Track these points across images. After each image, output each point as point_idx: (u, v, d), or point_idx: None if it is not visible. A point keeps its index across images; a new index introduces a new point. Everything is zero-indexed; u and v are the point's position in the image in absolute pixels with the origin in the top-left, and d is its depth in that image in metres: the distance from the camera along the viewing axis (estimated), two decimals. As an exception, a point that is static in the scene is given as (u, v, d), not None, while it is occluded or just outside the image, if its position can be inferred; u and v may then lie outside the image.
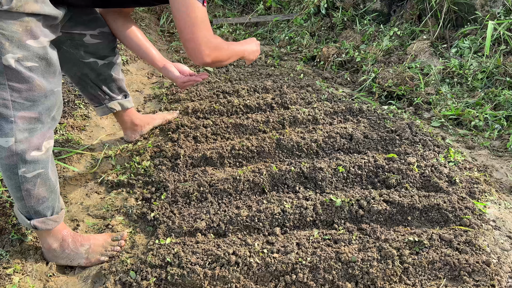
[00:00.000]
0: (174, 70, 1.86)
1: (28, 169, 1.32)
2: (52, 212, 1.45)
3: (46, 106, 1.32)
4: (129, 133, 2.19)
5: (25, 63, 1.25)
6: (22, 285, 1.43)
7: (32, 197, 1.37)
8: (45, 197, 1.40)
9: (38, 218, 1.42)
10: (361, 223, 1.61)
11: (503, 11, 2.74)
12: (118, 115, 2.09)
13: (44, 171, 1.36)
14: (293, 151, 2.02)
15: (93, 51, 1.77)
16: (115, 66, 1.90)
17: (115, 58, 1.88)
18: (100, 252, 1.54)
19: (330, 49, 3.10)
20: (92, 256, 1.53)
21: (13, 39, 1.21)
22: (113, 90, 1.96)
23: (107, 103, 1.97)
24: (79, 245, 1.53)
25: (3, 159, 1.29)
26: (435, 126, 2.32)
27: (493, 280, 1.33)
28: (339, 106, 2.35)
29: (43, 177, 1.37)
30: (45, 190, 1.39)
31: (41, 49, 1.29)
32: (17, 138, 1.27)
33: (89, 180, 1.97)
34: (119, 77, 1.95)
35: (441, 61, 2.75)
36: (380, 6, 3.45)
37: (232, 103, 2.40)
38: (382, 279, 1.37)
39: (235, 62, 3.08)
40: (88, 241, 1.55)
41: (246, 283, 1.38)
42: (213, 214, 1.67)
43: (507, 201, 1.73)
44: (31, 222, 1.42)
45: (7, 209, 1.68)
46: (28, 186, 1.34)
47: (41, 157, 1.34)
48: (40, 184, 1.37)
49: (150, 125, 2.26)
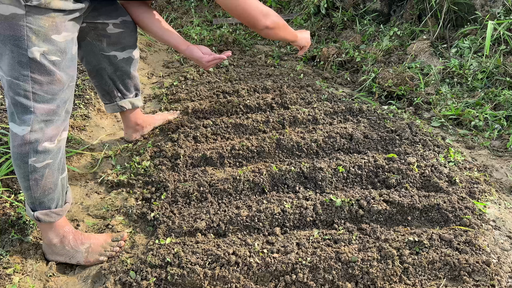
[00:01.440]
0: (198, 51, 1.90)
1: (38, 159, 1.35)
2: (56, 205, 1.47)
3: (63, 99, 1.38)
4: (130, 132, 2.20)
5: (50, 57, 1.30)
6: (22, 285, 1.43)
7: (39, 188, 1.40)
8: (51, 188, 1.43)
9: (41, 210, 1.44)
10: (361, 223, 1.61)
11: (503, 11, 2.74)
12: (124, 114, 2.11)
13: (53, 162, 1.40)
14: (293, 151, 2.02)
15: (115, 41, 1.81)
16: (133, 61, 1.94)
17: (134, 52, 1.92)
18: (100, 252, 1.55)
19: (330, 49, 3.10)
20: (92, 256, 1.53)
21: (40, 33, 1.27)
22: (127, 88, 2.00)
23: (118, 101, 2.01)
24: (80, 243, 1.54)
25: (16, 147, 1.34)
26: (435, 126, 2.32)
27: (493, 280, 1.33)
28: (339, 106, 2.35)
29: (52, 168, 1.40)
30: (52, 182, 1.42)
31: (64, 44, 1.35)
32: (33, 127, 1.32)
33: (89, 180, 1.97)
34: (135, 74, 2.00)
35: (441, 61, 2.75)
36: (380, 6, 3.45)
37: (232, 103, 2.40)
38: (382, 279, 1.37)
39: (235, 62, 3.08)
40: (89, 240, 1.56)
41: (246, 283, 1.38)
42: (213, 214, 1.67)
43: (507, 201, 1.73)
44: (34, 213, 1.44)
45: (7, 209, 1.68)
46: (37, 176, 1.38)
47: (52, 149, 1.38)
48: (48, 175, 1.40)
49: (152, 126, 2.28)
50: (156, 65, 3.11)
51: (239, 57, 3.15)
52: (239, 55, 3.22)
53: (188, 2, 4.41)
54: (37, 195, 1.41)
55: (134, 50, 1.91)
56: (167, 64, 3.17)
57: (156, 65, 3.11)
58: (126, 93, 2.01)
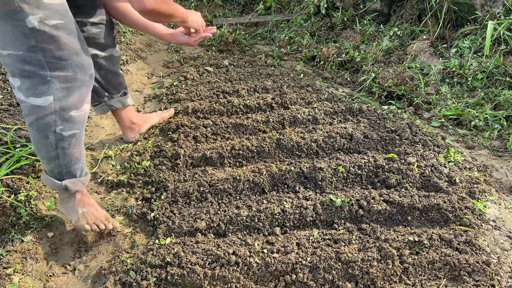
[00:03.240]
0: (183, 36, 1.94)
1: (65, 128, 1.40)
2: (81, 174, 1.55)
3: (79, 64, 1.38)
4: (128, 132, 2.19)
5: (49, 22, 1.28)
6: (22, 285, 1.43)
7: (67, 156, 1.46)
8: (78, 158, 1.50)
9: (69, 179, 1.51)
10: (361, 223, 1.61)
11: (503, 11, 2.74)
12: (117, 114, 2.10)
13: (79, 132, 1.45)
14: (293, 151, 2.02)
15: (94, 41, 1.79)
16: (115, 59, 1.93)
17: (115, 50, 1.91)
18: (90, 221, 1.59)
19: (330, 49, 3.10)
20: (82, 220, 1.58)
21: (30, 0, 1.24)
22: (113, 86, 1.98)
23: (106, 101, 1.99)
24: (81, 206, 1.60)
25: (41, 118, 1.36)
26: (435, 126, 2.32)
27: (493, 280, 1.33)
28: (339, 106, 2.35)
29: (78, 138, 1.46)
30: (78, 151, 1.48)
31: (61, 6, 1.32)
32: (55, 96, 1.34)
33: (89, 180, 1.97)
34: (119, 72, 1.99)
35: (441, 61, 2.75)
36: (380, 6, 3.45)
37: (232, 103, 2.40)
38: (382, 279, 1.37)
39: (235, 62, 3.08)
40: (89, 207, 1.61)
41: (246, 283, 1.38)
42: (213, 214, 1.67)
43: (507, 201, 1.73)
44: (62, 182, 1.50)
45: (7, 209, 1.68)
46: (64, 144, 1.42)
47: (78, 118, 1.43)
48: (74, 144, 1.45)
49: (148, 124, 2.27)
50: (156, 65, 3.11)
51: (239, 57, 3.15)
52: (239, 55, 3.22)
53: (188, 2, 4.41)
54: (65, 163, 1.47)
55: (114, 49, 1.90)
56: (167, 64, 3.17)
57: (156, 65, 3.11)
58: (113, 92, 2.00)
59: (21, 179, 1.83)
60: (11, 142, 1.89)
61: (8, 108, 2.39)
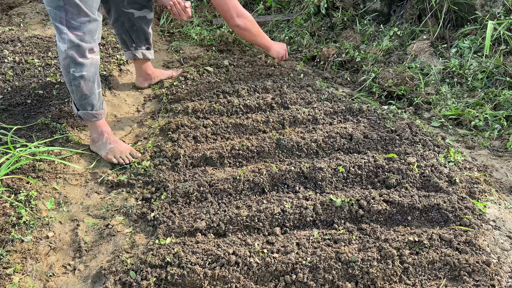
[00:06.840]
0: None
1: (76, 70, 1.85)
2: (92, 108, 1.98)
3: (89, 29, 1.84)
4: (141, 80, 2.71)
5: None
6: (22, 285, 1.43)
7: (78, 92, 1.92)
8: (87, 95, 1.94)
9: (82, 111, 1.99)
10: (361, 223, 1.61)
11: (503, 11, 2.74)
12: (138, 63, 2.63)
13: (87, 74, 1.88)
14: (293, 151, 2.02)
15: (134, 0, 2.30)
16: (147, 20, 2.44)
17: (150, 13, 2.42)
18: (116, 155, 2.02)
19: (330, 49, 3.10)
20: (110, 154, 2.02)
21: None
22: (140, 40, 2.49)
23: (132, 50, 2.50)
24: (108, 143, 2.05)
25: (62, 60, 1.85)
26: (435, 126, 2.32)
27: (493, 280, 1.33)
28: (339, 106, 2.35)
29: (86, 79, 1.89)
30: (87, 90, 1.92)
31: None
32: (68, 45, 1.81)
33: (89, 180, 1.97)
34: (148, 31, 2.50)
35: (441, 61, 2.75)
36: (380, 6, 3.44)
37: (232, 103, 2.40)
38: (382, 279, 1.37)
39: (235, 62, 3.07)
40: (115, 144, 2.05)
41: (246, 283, 1.38)
42: (213, 214, 1.67)
43: (507, 201, 1.74)
44: (78, 112, 2.00)
45: (7, 209, 1.68)
46: (75, 83, 1.88)
47: (86, 63, 1.86)
48: (83, 84, 1.89)
49: (158, 78, 2.77)
50: (156, 65, 3.10)
51: (239, 57, 3.14)
52: (239, 55, 3.22)
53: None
54: (77, 98, 1.94)
55: (150, 11, 2.40)
56: (167, 64, 3.16)
57: (156, 65, 3.10)
58: (139, 45, 2.50)
59: (21, 179, 1.83)
60: (11, 142, 1.89)
61: (8, 108, 2.39)
